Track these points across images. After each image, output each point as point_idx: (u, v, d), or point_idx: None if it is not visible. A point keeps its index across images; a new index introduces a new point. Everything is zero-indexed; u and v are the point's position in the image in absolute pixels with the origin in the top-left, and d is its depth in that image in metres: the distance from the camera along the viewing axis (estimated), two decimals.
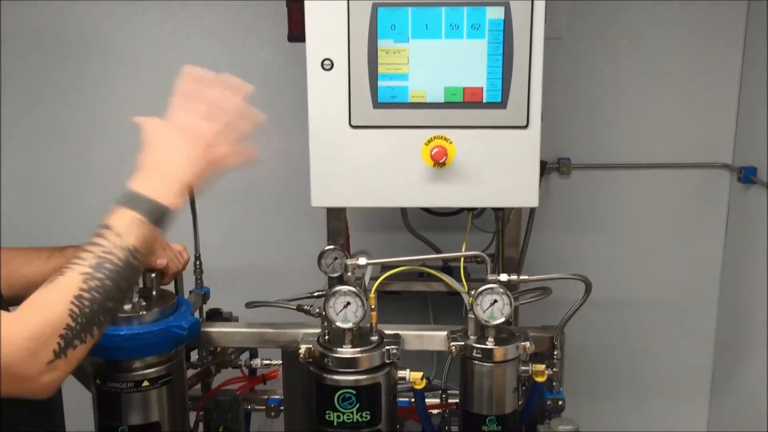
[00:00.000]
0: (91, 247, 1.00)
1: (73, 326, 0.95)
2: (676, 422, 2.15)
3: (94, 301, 0.97)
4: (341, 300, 1.33)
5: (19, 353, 0.91)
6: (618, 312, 2.07)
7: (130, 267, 1.02)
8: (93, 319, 0.98)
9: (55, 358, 0.94)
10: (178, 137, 1.11)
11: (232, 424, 1.73)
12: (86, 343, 0.98)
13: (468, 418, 1.40)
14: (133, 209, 1.04)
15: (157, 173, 1.08)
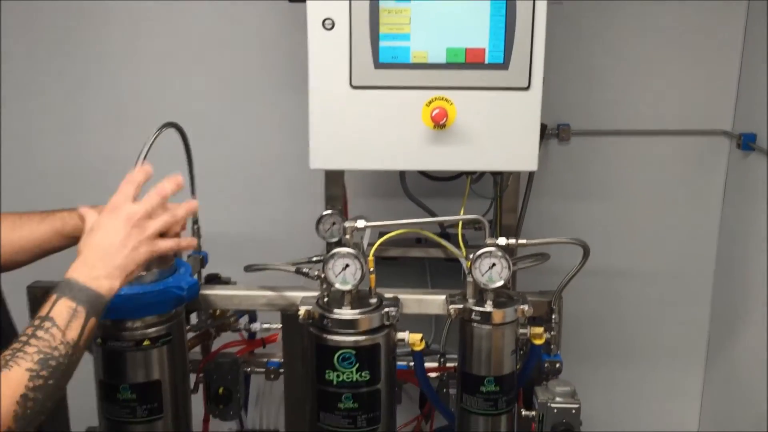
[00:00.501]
0: (34, 340, 1.00)
1: (15, 426, 0.95)
2: (671, 388, 2.17)
3: (37, 401, 0.97)
4: (340, 262, 1.33)
5: None
6: (615, 279, 2.08)
7: (71, 364, 1.03)
8: (34, 418, 0.97)
9: None
10: (117, 222, 1.15)
11: (232, 385, 1.74)
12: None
13: (466, 379, 1.42)
14: (74, 300, 1.05)
15: (95, 258, 1.11)
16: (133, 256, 1.14)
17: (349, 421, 1.36)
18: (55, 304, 1.04)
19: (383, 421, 1.39)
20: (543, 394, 1.42)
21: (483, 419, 1.42)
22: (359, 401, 1.36)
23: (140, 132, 1.39)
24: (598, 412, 1.70)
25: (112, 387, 1.37)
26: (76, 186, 2.09)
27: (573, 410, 1.39)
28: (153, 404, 1.38)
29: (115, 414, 1.38)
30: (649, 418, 2.20)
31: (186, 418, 1.48)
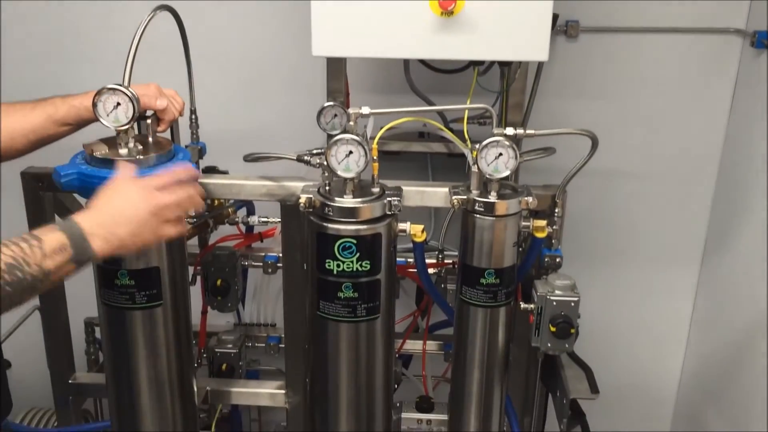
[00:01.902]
0: (15, 247, 1.03)
1: None
2: (666, 287, 2.19)
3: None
4: (343, 149, 1.30)
5: None
6: (617, 180, 2.06)
7: (34, 287, 1.04)
8: None
9: None
10: (145, 205, 1.16)
11: (230, 278, 1.75)
12: None
13: (467, 271, 1.41)
14: (68, 240, 1.07)
15: (106, 217, 1.14)
16: (139, 239, 1.17)
17: (348, 310, 1.37)
18: (51, 232, 1.07)
19: (382, 311, 1.40)
20: (542, 287, 1.42)
21: (482, 311, 1.43)
22: (359, 291, 1.36)
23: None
24: (593, 309, 1.71)
25: (111, 273, 1.36)
26: (69, 68, 2.02)
27: (572, 303, 1.40)
28: (152, 291, 1.38)
29: (113, 300, 1.38)
30: (641, 316, 2.23)
31: (185, 307, 1.48)
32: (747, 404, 1.90)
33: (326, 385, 1.46)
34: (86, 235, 1.10)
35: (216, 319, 1.94)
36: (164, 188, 1.20)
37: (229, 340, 1.84)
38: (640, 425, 2.38)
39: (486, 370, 1.48)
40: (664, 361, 2.29)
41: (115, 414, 1.52)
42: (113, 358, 1.46)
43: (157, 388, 1.46)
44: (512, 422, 1.61)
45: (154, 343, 1.42)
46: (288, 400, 1.64)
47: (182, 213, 1.23)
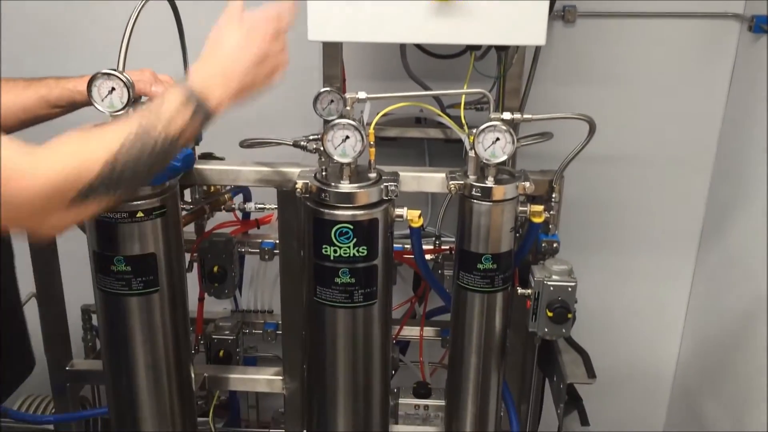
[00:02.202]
0: (138, 117, 1.03)
1: (96, 185, 0.96)
2: (663, 273, 2.20)
3: (126, 166, 0.98)
4: (340, 133, 1.30)
5: (34, 191, 0.91)
6: (614, 165, 2.06)
7: (164, 151, 1.04)
8: (119, 181, 1.00)
9: (72, 205, 0.95)
10: (244, 44, 1.13)
11: (227, 264, 1.75)
12: (103, 201, 1.00)
13: (464, 257, 1.41)
14: (187, 102, 1.06)
15: (216, 71, 1.12)
16: (252, 86, 1.15)
17: (345, 296, 1.37)
18: (170, 98, 1.06)
19: (380, 296, 1.40)
20: (540, 272, 1.42)
21: (479, 296, 1.43)
22: (356, 276, 1.35)
23: None
24: (590, 295, 1.71)
25: (107, 258, 1.35)
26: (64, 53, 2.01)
27: (569, 288, 1.40)
28: (148, 277, 1.37)
29: (109, 286, 1.38)
30: (638, 302, 2.23)
31: (182, 293, 1.48)
32: (744, 390, 1.91)
33: (323, 371, 1.46)
34: (203, 97, 1.09)
35: (213, 306, 1.94)
36: (268, 30, 1.15)
37: (226, 326, 1.84)
38: (636, 410, 2.39)
39: (483, 356, 1.48)
40: (660, 347, 2.30)
41: (112, 400, 1.52)
42: (110, 344, 1.46)
43: (154, 375, 1.45)
44: (509, 408, 1.62)
45: (151, 330, 1.41)
46: (285, 386, 1.64)
47: (285, 56, 1.19)
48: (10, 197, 0.90)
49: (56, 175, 0.93)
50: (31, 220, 0.94)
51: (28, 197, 0.91)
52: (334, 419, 1.50)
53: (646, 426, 2.42)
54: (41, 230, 0.98)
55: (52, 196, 0.93)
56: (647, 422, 2.41)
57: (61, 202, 0.94)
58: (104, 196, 0.99)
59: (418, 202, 1.85)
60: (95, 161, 0.96)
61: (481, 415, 1.54)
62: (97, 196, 0.97)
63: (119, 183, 0.99)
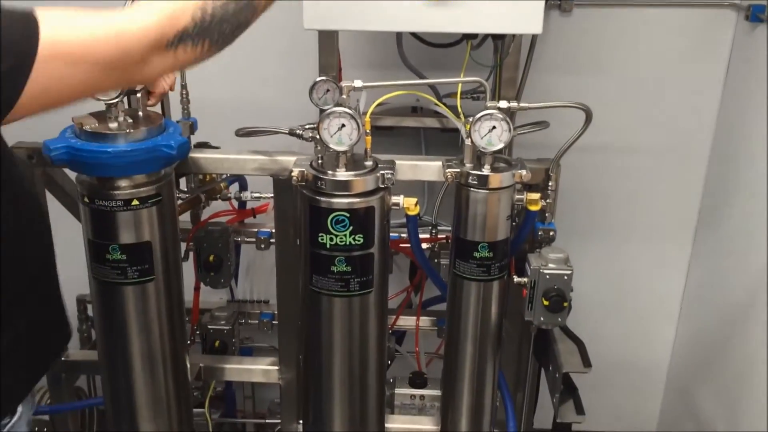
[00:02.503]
0: None
1: (190, 30, 1.00)
2: (659, 263, 2.20)
3: (214, 16, 1.02)
4: (336, 122, 1.29)
5: (138, 36, 0.96)
6: (611, 155, 2.06)
7: (251, 6, 1.07)
8: (207, 32, 1.02)
9: (168, 49, 0.99)
10: None
11: (222, 253, 1.74)
12: (196, 48, 1.03)
13: (460, 245, 1.41)
14: None
15: None
16: None
17: (341, 285, 1.36)
18: None
19: (376, 285, 1.39)
20: (536, 261, 1.42)
21: (475, 285, 1.43)
22: (352, 265, 1.35)
23: None
24: (586, 284, 1.71)
25: (102, 247, 1.35)
26: None
27: (565, 276, 1.40)
28: (144, 266, 1.37)
29: (105, 275, 1.37)
30: (634, 290, 2.24)
31: (177, 283, 1.47)
32: (740, 378, 1.92)
33: (319, 360, 1.46)
34: None
35: (209, 296, 1.94)
36: None
37: (222, 316, 1.84)
38: (631, 400, 2.40)
39: (479, 345, 1.48)
40: (656, 337, 2.31)
41: (107, 390, 1.51)
42: (105, 333, 1.46)
43: (149, 364, 1.45)
44: (505, 397, 1.62)
45: (147, 319, 1.41)
46: (281, 376, 1.63)
47: None
48: (122, 46, 0.95)
49: (155, 20, 0.97)
50: (137, 66, 0.98)
51: (134, 41, 0.95)
52: (330, 409, 1.50)
53: (640, 415, 2.43)
54: (144, 74, 1.02)
55: (153, 39, 0.97)
56: (642, 412, 2.42)
57: (159, 45, 0.98)
58: (198, 42, 1.01)
59: (415, 191, 1.84)
60: (190, 6, 1.00)
61: (477, 404, 1.54)
62: (190, 41, 1.01)
63: (210, 30, 1.02)
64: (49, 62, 0.91)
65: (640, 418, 2.43)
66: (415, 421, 1.67)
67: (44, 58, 0.91)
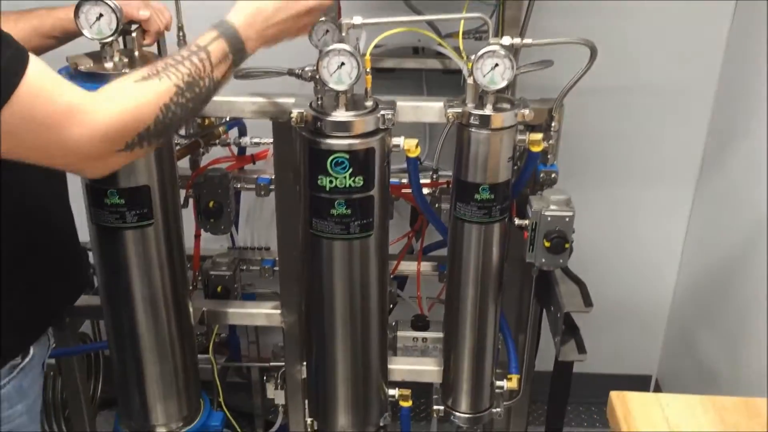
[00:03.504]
0: (189, 63, 1.05)
1: (152, 129, 1.00)
2: (661, 207, 2.19)
3: (175, 116, 1.03)
4: (335, 60, 1.27)
5: (94, 135, 0.94)
6: (614, 98, 2.03)
7: (207, 98, 1.10)
8: (166, 130, 1.04)
9: (124, 149, 0.99)
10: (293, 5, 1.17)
11: (222, 199, 1.73)
12: (151, 146, 1.04)
13: (461, 187, 1.40)
14: (228, 46, 1.10)
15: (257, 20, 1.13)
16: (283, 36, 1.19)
17: (341, 228, 1.36)
18: (214, 41, 1.09)
19: (376, 228, 1.39)
20: (537, 203, 1.40)
21: (476, 228, 1.42)
22: (352, 207, 1.34)
23: None
24: (588, 228, 1.70)
25: (100, 192, 1.34)
26: None
27: (566, 218, 1.38)
28: (143, 210, 1.36)
29: (104, 219, 1.36)
30: (636, 234, 2.24)
31: (177, 227, 1.47)
32: (740, 320, 1.93)
33: (321, 304, 1.46)
34: (243, 39, 1.12)
35: (210, 244, 1.93)
36: None
37: (223, 262, 1.84)
38: (632, 342, 2.42)
39: (480, 287, 1.48)
40: (657, 279, 2.32)
41: (111, 335, 1.53)
42: (107, 278, 1.46)
43: (152, 308, 1.46)
44: (507, 339, 1.63)
45: (147, 263, 1.41)
46: (284, 319, 1.64)
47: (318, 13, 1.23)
48: (70, 139, 0.93)
49: (117, 119, 0.96)
50: (87, 162, 0.98)
51: (87, 140, 0.94)
52: (332, 351, 1.51)
53: (641, 358, 2.45)
54: (93, 172, 1.01)
55: (112, 138, 0.96)
56: (643, 354, 2.44)
57: (118, 145, 0.97)
58: (156, 140, 1.03)
59: (416, 136, 1.82)
60: (153, 106, 1.00)
61: (479, 346, 1.55)
62: (150, 140, 1.01)
63: (170, 127, 1.04)
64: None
65: (641, 360, 2.46)
66: (418, 362, 1.68)
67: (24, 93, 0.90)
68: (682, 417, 1.18)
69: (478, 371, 1.57)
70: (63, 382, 1.91)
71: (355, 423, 1.59)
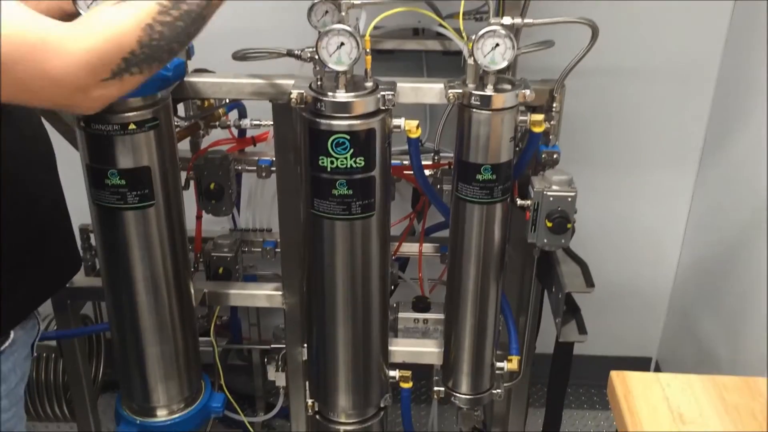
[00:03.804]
0: None
1: (138, 53, 0.94)
2: (663, 188, 2.19)
3: (162, 37, 0.96)
4: (335, 40, 1.26)
5: (75, 64, 0.89)
6: (616, 80, 2.02)
7: (202, 18, 1.02)
8: (156, 54, 0.97)
9: (111, 78, 0.93)
10: None
11: (223, 181, 1.73)
12: (143, 74, 0.97)
13: (462, 168, 1.39)
14: None
15: None
16: None
17: (343, 208, 1.35)
18: None
19: (378, 208, 1.38)
20: (539, 183, 1.40)
21: (478, 208, 1.42)
22: (353, 188, 1.34)
23: None
24: (590, 210, 1.70)
25: (100, 172, 1.33)
26: None
27: (569, 198, 1.38)
28: (143, 191, 1.36)
29: (105, 200, 1.36)
30: (638, 216, 2.23)
31: (178, 208, 1.47)
32: (741, 303, 1.93)
33: (322, 285, 1.46)
34: None
35: (211, 226, 1.93)
36: None
37: (225, 244, 1.84)
38: (633, 325, 2.42)
39: (482, 268, 1.48)
40: (659, 262, 2.31)
41: (113, 316, 1.53)
42: (108, 259, 1.46)
43: (153, 289, 1.45)
44: (508, 320, 1.63)
45: (149, 244, 1.41)
46: (285, 300, 1.64)
47: None
48: (52, 73, 0.89)
49: (96, 46, 0.91)
50: (75, 95, 0.93)
51: (70, 72, 0.90)
52: (333, 333, 1.51)
53: (642, 340, 2.46)
54: (84, 105, 0.96)
55: (94, 67, 0.91)
56: (643, 336, 2.45)
57: (102, 74, 0.92)
58: (146, 66, 0.97)
59: (416, 118, 1.82)
60: (134, 28, 0.94)
61: (480, 327, 1.55)
62: (140, 66, 0.96)
63: (160, 50, 0.97)
64: None
65: (641, 342, 2.46)
66: (419, 344, 1.68)
67: None
68: (682, 396, 1.18)
69: (478, 352, 1.57)
70: (64, 365, 1.92)
71: (356, 404, 1.60)
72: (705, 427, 1.13)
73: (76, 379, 1.85)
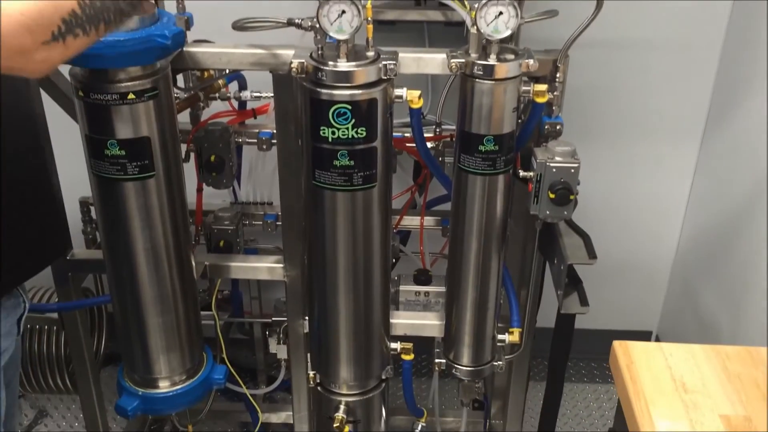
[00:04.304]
0: None
1: (79, 14, 0.90)
2: (666, 163, 2.18)
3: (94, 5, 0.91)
4: (336, 8, 1.24)
5: (13, 26, 0.85)
6: (619, 53, 2.00)
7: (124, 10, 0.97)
8: (101, 14, 0.93)
9: (52, 41, 0.89)
10: None
11: (224, 153, 1.72)
12: (89, 36, 0.93)
13: (465, 139, 1.38)
14: None
15: None
16: None
17: (344, 179, 1.35)
18: None
19: (379, 179, 1.38)
20: (542, 154, 1.39)
21: (480, 179, 1.41)
22: (355, 159, 1.33)
23: None
24: (592, 184, 1.69)
25: (100, 142, 1.33)
26: None
27: (572, 169, 1.37)
28: (143, 161, 1.35)
29: (104, 170, 1.35)
30: (640, 190, 2.23)
31: (178, 180, 1.46)
32: (742, 277, 1.93)
33: (324, 256, 1.46)
34: None
35: (212, 199, 1.93)
36: None
37: (225, 217, 1.83)
38: (634, 298, 2.42)
39: (484, 240, 1.47)
40: (661, 235, 2.31)
41: (114, 288, 1.53)
42: (108, 231, 1.45)
43: (154, 261, 1.45)
44: (509, 293, 1.63)
45: (149, 215, 1.40)
46: (286, 273, 1.64)
47: None
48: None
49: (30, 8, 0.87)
50: (15, 57, 0.88)
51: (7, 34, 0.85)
52: (335, 305, 1.51)
53: (643, 313, 2.46)
54: (28, 68, 0.92)
55: (32, 29, 0.87)
56: (644, 309, 2.45)
57: (42, 36, 0.88)
58: (92, 26, 0.93)
59: (418, 85, 1.81)
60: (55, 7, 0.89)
61: (481, 300, 1.55)
62: (85, 27, 0.92)
63: (105, 11, 0.94)
64: None
65: (642, 315, 2.47)
66: (420, 317, 1.68)
67: None
68: (685, 366, 1.18)
69: (480, 325, 1.57)
70: (66, 338, 1.92)
71: (357, 376, 1.61)
72: (708, 396, 1.13)
73: (78, 352, 1.85)
